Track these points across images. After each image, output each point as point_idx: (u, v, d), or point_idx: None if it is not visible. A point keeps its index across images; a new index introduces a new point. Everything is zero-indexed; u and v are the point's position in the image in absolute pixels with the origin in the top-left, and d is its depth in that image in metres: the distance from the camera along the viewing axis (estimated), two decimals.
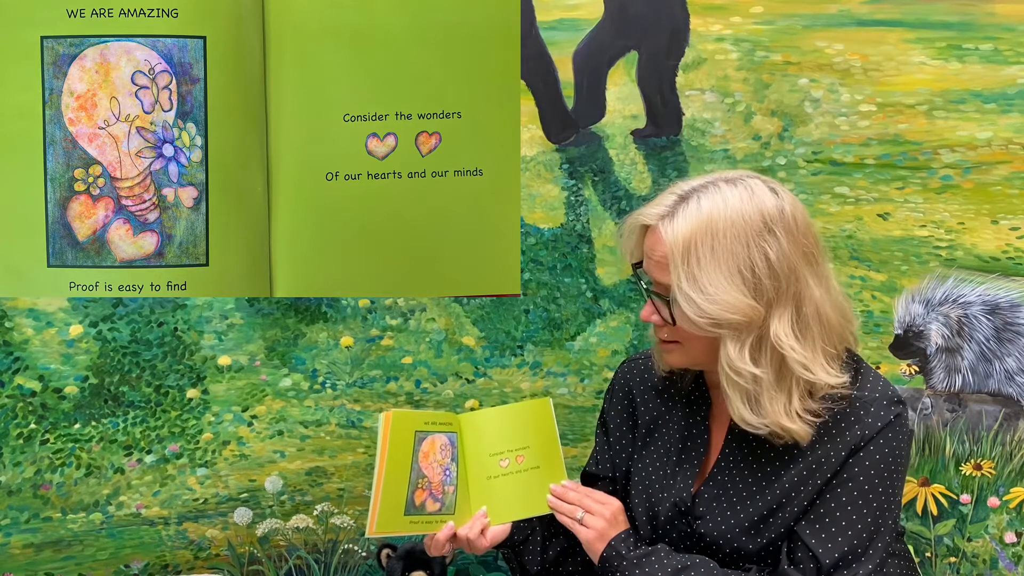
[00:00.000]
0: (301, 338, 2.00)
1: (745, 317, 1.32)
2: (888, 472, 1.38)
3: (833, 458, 1.38)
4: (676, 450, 1.52)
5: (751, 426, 1.36)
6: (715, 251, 1.31)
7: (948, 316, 2.06)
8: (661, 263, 1.36)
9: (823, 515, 1.39)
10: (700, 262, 1.31)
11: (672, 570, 1.40)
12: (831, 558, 1.36)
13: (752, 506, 1.43)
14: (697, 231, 1.32)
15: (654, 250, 1.37)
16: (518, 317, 2.04)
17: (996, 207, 2.05)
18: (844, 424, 1.39)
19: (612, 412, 1.62)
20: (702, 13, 2.02)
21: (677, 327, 1.38)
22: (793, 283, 1.34)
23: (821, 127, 2.04)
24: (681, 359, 1.44)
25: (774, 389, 1.35)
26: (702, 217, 1.33)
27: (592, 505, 1.49)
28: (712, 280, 1.31)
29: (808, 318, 1.35)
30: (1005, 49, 2.04)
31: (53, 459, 1.94)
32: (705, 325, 1.33)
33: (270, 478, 2.01)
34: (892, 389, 1.42)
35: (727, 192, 1.35)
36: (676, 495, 1.49)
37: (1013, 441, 2.07)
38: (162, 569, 1.98)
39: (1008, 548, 2.07)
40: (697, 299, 1.31)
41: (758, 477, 1.44)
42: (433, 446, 1.48)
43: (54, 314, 1.92)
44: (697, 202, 1.34)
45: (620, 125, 2.03)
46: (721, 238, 1.32)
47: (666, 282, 1.35)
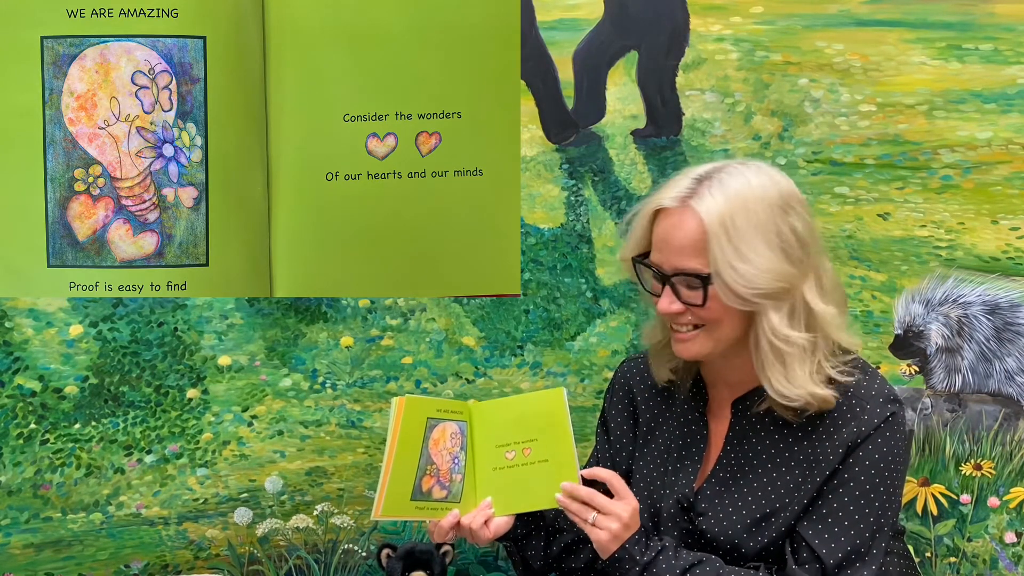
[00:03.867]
0: (301, 338, 2.00)
1: (788, 284, 1.35)
2: (888, 471, 1.39)
3: (831, 455, 1.39)
4: (677, 447, 1.53)
5: (787, 398, 1.36)
6: (751, 223, 1.33)
7: (948, 316, 2.06)
8: (687, 245, 1.35)
9: (825, 515, 1.39)
10: (741, 234, 1.33)
11: (680, 569, 1.40)
12: (835, 558, 1.37)
13: (754, 503, 1.43)
14: (733, 205, 1.34)
15: (677, 235, 1.36)
16: (518, 317, 2.04)
17: (996, 207, 2.05)
18: (841, 421, 1.40)
19: (612, 411, 1.62)
20: (702, 13, 2.02)
21: (706, 309, 1.37)
22: (815, 253, 1.39)
23: (821, 127, 2.04)
24: (703, 346, 1.41)
25: (808, 354, 1.37)
26: (731, 193, 1.35)
27: (606, 505, 1.43)
28: (756, 250, 1.33)
29: (828, 289, 1.40)
30: (1005, 49, 2.04)
31: (53, 459, 1.94)
32: (752, 296, 1.33)
33: (270, 478, 2.01)
34: (889, 388, 1.43)
35: (746, 171, 1.38)
36: (678, 492, 1.49)
37: (1013, 441, 2.07)
38: (162, 569, 1.98)
39: (1008, 548, 2.07)
40: (743, 270, 1.32)
41: (759, 473, 1.44)
42: (444, 434, 1.48)
43: (54, 314, 1.92)
44: (720, 182, 1.36)
45: (620, 125, 2.03)
46: (755, 211, 1.34)
47: (694, 264, 1.35)
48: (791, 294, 1.36)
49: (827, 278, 1.40)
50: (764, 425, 1.45)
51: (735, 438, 1.47)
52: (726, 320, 1.38)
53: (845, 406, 1.40)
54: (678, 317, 1.40)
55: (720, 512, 1.45)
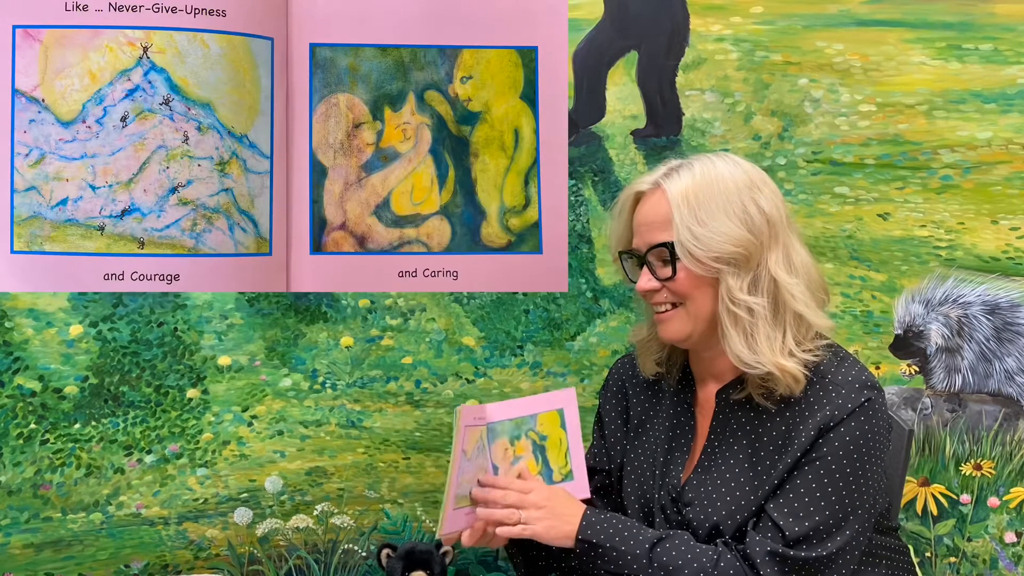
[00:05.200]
0: (301, 338, 2.00)
1: (744, 250, 1.41)
2: (859, 455, 1.39)
3: (803, 437, 1.40)
4: (666, 439, 1.55)
5: (748, 366, 1.41)
6: (713, 196, 1.43)
7: (948, 316, 2.06)
8: (657, 220, 1.45)
9: (788, 491, 1.40)
10: (701, 204, 1.43)
11: (648, 544, 1.42)
12: (792, 532, 1.38)
13: (737, 488, 1.45)
14: (697, 181, 1.44)
15: (649, 214, 1.47)
16: (518, 317, 2.04)
17: (996, 207, 2.05)
18: (817, 406, 1.41)
19: (606, 407, 1.66)
20: (702, 13, 2.02)
21: (678, 281, 1.43)
22: (783, 232, 1.46)
23: (821, 127, 2.04)
24: (682, 324, 1.46)
25: (770, 326, 1.42)
26: (696, 173, 1.45)
27: (520, 499, 1.44)
28: (714, 216, 1.42)
29: (797, 267, 1.45)
30: (1005, 49, 2.04)
31: (53, 459, 1.94)
32: (708, 259, 1.41)
33: (270, 478, 2.01)
34: (867, 375, 1.44)
35: (715, 158, 1.49)
36: (668, 484, 1.52)
37: (1013, 441, 2.07)
38: (162, 569, 1.98)
39: (1008, 548, 2.08)
40: (699, 232, 1.41)
41: (740, 459, 1.46)
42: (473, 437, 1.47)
43: (54, 314, 1.92)
44: (690, 166, 1.47)
45: (620, 125, 2.03)
46: (718, 187, 1.44)
47: (662, 236, 1.44)
48: (750, 262, 1.42)
49: (797, 258, 1.45)
50: (744, 412, 1.47)
51: (718, 427, 1.50)
52: (696, 293, 1.44)
53: (821, 391, 1.42)
54: (656, 295, 1.47)
55: (705, 500, 1.47)
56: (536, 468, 1.52)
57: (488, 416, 1.49)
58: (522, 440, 1.52)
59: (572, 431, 1.55)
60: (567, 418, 1.55)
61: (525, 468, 1.51)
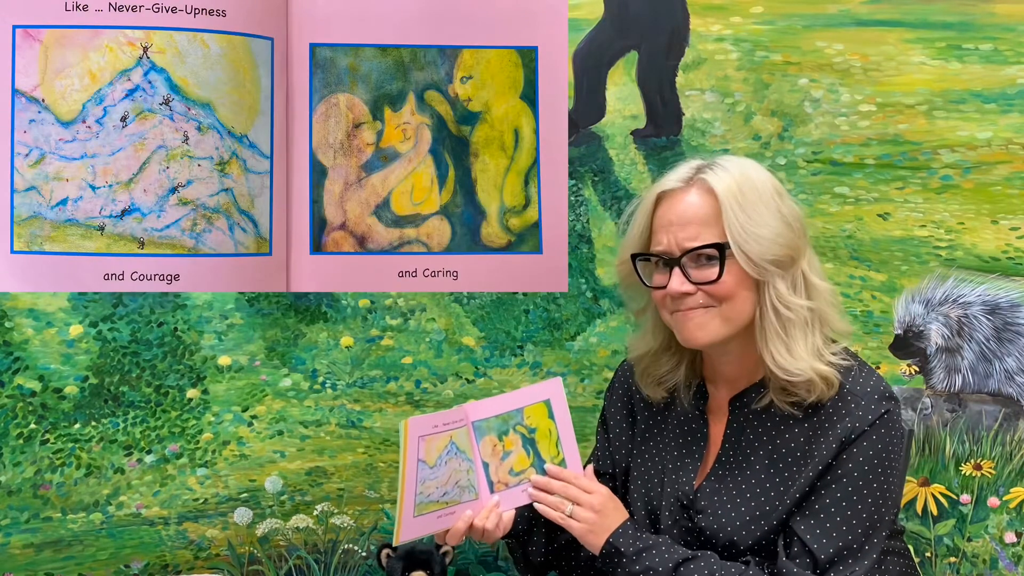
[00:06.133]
0: (301, 338, 2.00)
1: (791, 251, 1.40)
2: (882, 468, 1.39)
3: (824, 450, 1.39)
4: (676, 445, 1.53)
5: (789, 372, 1.38)
6: (758, 195, 1.40)
7: (948, 316, 2.06)
8: (700, 217, 1.40)
9: (818, 511, 1.39)
10: (751, 203, 1.39)
11: (673, 564, 1.40)
12: (827, 553, 1.37)
13: (753, 499, 1.44)
14: (738, 179, 1.41)
15: (687, 212, 1.41)
16: (518, 317, 2.04)
17: (996, 207, 2.05)
18: (836, 417, 1.40)
19: (612, 409, 1.64)
20: (702, 13, 2.02)
21: (720, 284, 1.39)
22: (807, 235, 1.45)
23: (821, 127, 2.04)
24: (717, 327, 1.41)
25: (808, 328, 1.40)
26: (734, 171, 1.42)
27: (579, 495, 1.47)
28: (764, 218, 1.39)
29: (820, 270, 1.45)
30: (1005, 49, 2.04)
31: (53, 459, 1.94)
32: (766, 263, 1.38)
33: (270, 478, 2.01)
34: (884, 385, 1.43)
35: (742, 161, 1.46)
36: (679, 490, 1.50)
37: (1013, 441, 2.07)
38: (162, 569, 1.98)
39: (1008, 548, 2.07)
40: (758, 235, 1.38)
41: (756, 469, 1.45)
42: (433, 444, 1.47)
43: (54, 314, 1.92)
44: (720, 164, 1.43)
45: (620, 125, 2.03)
46: (756, 186, 1.41)
47: (709, 236, 1.39)
48: (795, 264, 1.41)
49: (817, 262, 1.46)
50: (761, 421, 1.46)
51: (733, 435, 1.48)
52: (738, 295, 1.40)
53: (840, 402, 1.41)
54: (685, 299, 1.41)
55: (719, 509, 1.45)
56: (528, 461, 1.52)
57: (470, 415, 1.50)
58: (511, 435, 1.52)
59: (561, 420, 1.54)
60: (555, 407, 1.54)
61: (518, 459, 1.52)
